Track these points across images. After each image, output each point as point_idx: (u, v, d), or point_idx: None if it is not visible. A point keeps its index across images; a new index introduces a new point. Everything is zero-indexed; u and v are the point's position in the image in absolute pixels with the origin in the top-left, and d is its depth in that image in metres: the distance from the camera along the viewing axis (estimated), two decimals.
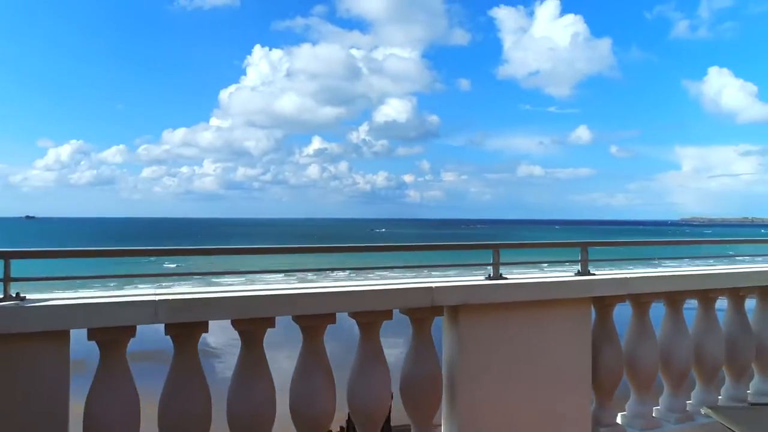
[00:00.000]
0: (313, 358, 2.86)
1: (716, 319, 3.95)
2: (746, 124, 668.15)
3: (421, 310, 3.00)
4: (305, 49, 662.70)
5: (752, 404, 3.93)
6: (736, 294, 4.02)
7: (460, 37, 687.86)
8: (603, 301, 3.56)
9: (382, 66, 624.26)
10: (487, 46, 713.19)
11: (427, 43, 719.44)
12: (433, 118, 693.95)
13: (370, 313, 2.92)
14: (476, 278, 3.30)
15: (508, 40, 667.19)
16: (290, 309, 2.73)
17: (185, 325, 2.56)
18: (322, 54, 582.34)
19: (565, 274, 3.63)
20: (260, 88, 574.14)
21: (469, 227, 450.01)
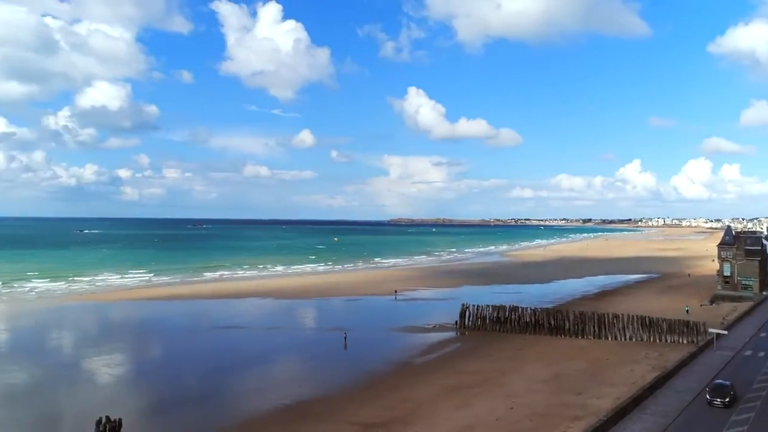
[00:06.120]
0: None
1: None
2: (437, 139, 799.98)
3: None
4: None
5: None
6: None
7: (181, 25, 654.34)
8: None
9: (86, 42, 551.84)
10: (211, 40, 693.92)
11: (141, 24, 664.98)
12: (152, 109, 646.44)
13: None
14: None
15: (231, 37, 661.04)
16: None
17: None
18: (4, 16, 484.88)
19: None
20: None
21: (196, 227, 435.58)
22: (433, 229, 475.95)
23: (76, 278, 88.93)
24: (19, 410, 28.95)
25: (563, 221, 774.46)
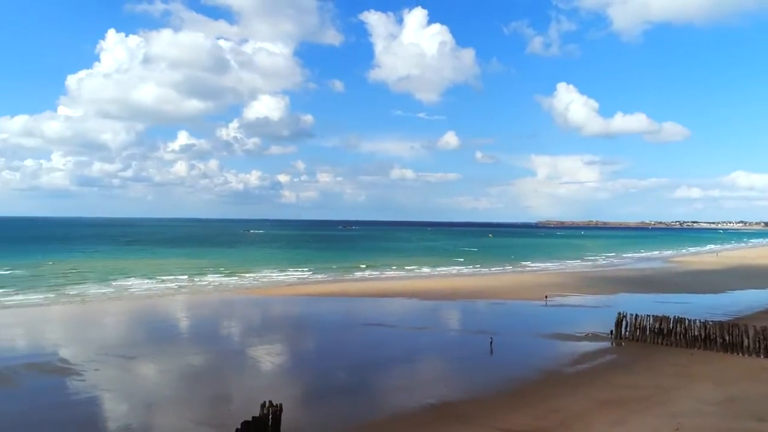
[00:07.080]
0: None
1: None
2: (589, 136, 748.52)
3: None
4: (166, 35, 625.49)
5: None
6: None
7: (333, 38, 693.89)
8: None
9: (251, 60, 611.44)
10: (360, 49, 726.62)
11: (298, 40, 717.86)
12: (307, 118, 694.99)
13: None
14: None
15: (379, 45, 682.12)
16: None
17: None
18: (186, 42, 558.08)
19: None
20: (115, 76, 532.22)
21: (346, 228, 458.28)
22: (582, 232, 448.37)
23: (244, 274, 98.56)
24: (197, 388, 32.81)
25: (740, 224, 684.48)
